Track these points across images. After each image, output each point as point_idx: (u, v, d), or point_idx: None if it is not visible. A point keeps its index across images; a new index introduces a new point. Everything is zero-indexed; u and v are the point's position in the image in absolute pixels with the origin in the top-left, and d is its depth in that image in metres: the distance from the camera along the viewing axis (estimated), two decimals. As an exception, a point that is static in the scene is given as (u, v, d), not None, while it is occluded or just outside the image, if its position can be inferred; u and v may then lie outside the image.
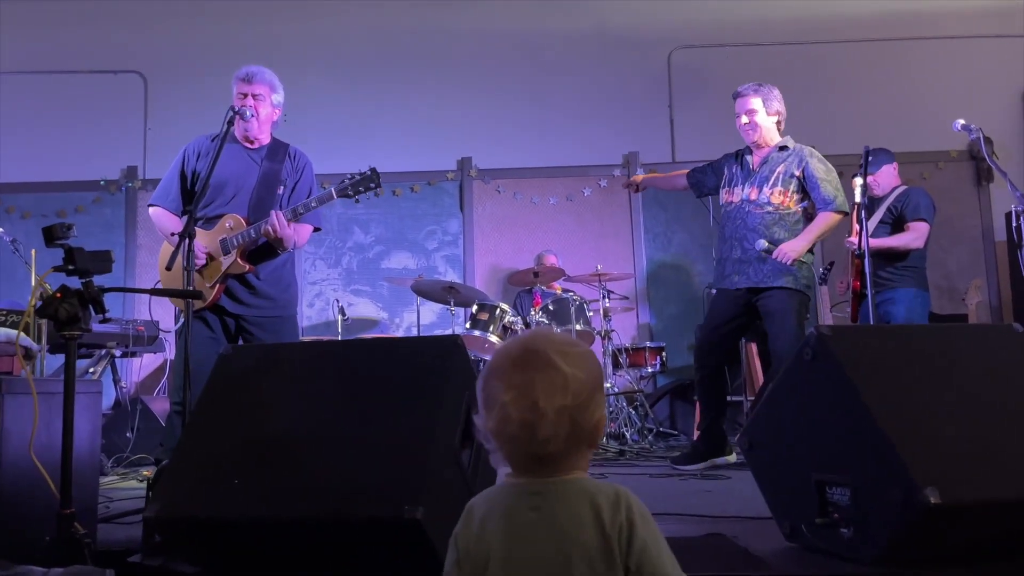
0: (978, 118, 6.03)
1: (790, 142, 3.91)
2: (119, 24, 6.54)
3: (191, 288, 2.75)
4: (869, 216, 4.69)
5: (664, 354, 5.63)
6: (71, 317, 1.90)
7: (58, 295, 1.89)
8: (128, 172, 6.47)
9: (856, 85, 6.59)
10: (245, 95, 3.34)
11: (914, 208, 4.44)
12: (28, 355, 3.54)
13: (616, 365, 5.52)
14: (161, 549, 2.00)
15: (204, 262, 3.21)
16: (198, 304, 3.26)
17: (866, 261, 3.44)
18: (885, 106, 6.45)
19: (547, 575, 1.14)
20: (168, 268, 2.76)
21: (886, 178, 4.66)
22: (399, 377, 1.87)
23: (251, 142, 3.41)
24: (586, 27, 6.67)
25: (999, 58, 6.59)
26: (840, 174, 3.96)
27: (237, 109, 3.23)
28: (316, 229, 3.55)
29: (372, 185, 3.33)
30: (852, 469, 1.81)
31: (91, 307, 1.97)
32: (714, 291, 4.02)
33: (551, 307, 5.22)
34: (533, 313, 5.22)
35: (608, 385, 5.29)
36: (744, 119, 3.91)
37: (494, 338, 5.13)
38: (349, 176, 3.35)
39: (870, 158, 4.64)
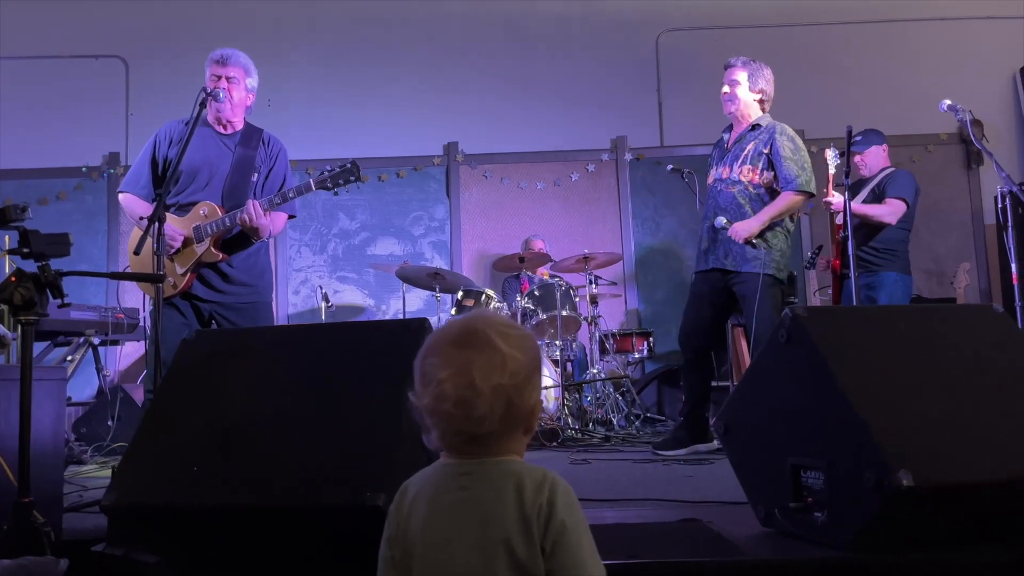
0: (970, 100, 5.98)
1: (765, 120, 3.84)
2: (100, 8, 6.46)
3: (163, 272, 2.71)
4: (854, 195, 4.66)
5: (652, 339, 5.60)
6: (27, 302, 1.85)
7: (12, 279, 1.84)
8: (110, 158, 6.39)
9: (846, 67, 6.54)
10: (219, 77, 3.27)
11: (895, 187, 4.41)
12: (1, 343, 3.49)
13: (603, 351, 5.48)
14: (125, 538, 1.96)
15: (180, 244, 3.15)
16: (170, 291, 3.21)
17: (849, 244, 3.40)
18: (875, 88, 6.40)
19: (467, 554, 1.13)
20: (136, 253, 2.70)
21: (874, 159, 4.63)
22: (365, 361, 1.83)
23: (224, 126, 3.35)
24: (574, 10, 6.60)
25: (991, 40, 6.54)
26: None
27: (210, 90, 3.17)
28: (291, 216, 3.50)
29: (352, 178, 3.27)
30: (826, 453, 1.77)
31: (48, 292, 1.92)
32: (694, 274, 3.98)
33: (537, 292, 5.18)
34: (519, 299, 5.18)
35: (595, 371, 5.26)
36: (725, 88, 3.86)
37: (479, 324, 5.09)
38: (329, 168, 3.29)
39: (859, 138, 4.64)
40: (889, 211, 4.34)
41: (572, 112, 6.51)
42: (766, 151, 3.73)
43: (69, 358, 4.17)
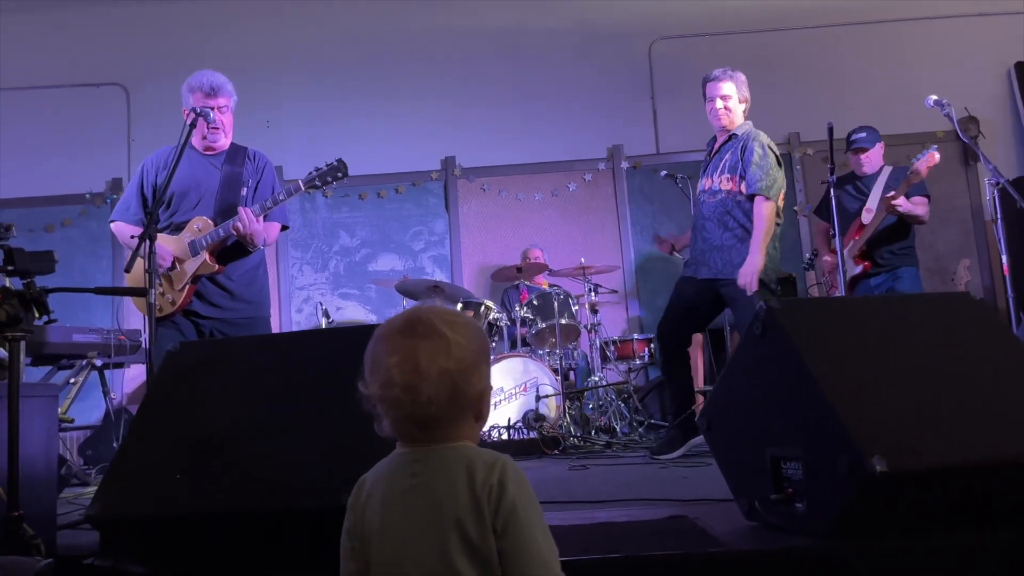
0: (965, 97, 6.04)
1: (742, 129, 3.85)
2: (99, 37, 6.55)
3: (154, 292, 2.74)
4: (859, 193, 4.69)
5: (653, 345, 5.59)
6: (12, 319, 1.89)
7: (-2, 296, 1.88)
8: (113, 184, 6.47)
9: (840, 69, 6.55)
10: (211, 108, 3.33)
11: (919, 185, 4.46)
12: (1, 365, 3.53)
13: (605, 359, 5.49)
14: (115, 550, 1.99)
15: (169, 264, 3.21)
16: (168, 309, 3.26)
17: (837, 239, 3.42)
18: (869, 89, 6.40)
19: (421, 539, 1.15)
20: (127, 270, 2.74)
21: (877, 155, 4.69)
22: (343, 366, 1.84)
23: (212, 149, 3.41)
24: (566, 21, 6.64)
25: (984, 36, 6.53)
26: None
27: (199, 111, 3.22)
28: (284, 227, 3.53)
29: (339, 175, 3.32)
30: (804, 443, 1.78)
31: (34, 308, 1.96)
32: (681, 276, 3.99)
33: (535, 302, 5.20)
34: (518, 309, 5.20)
35: (597, 378, 5.27)
36: (719, 104, 3.86)
37: (479, 335, 5.11)
38: (316, 168, 3.34)
39: (863, 134, 4.67)
40: (926, 211, 4.47)
41: (568, 122, 6.54)
42: (741, 157, 3.73)
43: (72, 380, 4.21)
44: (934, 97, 3.74)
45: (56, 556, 2.15)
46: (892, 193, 4.31)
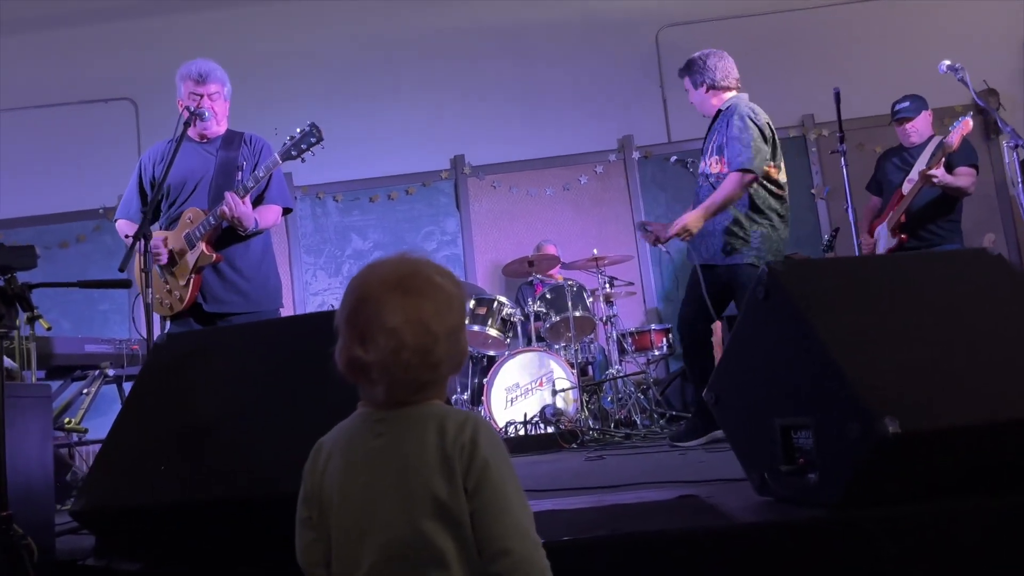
0: (980, 70, 5.87)
1: (726, 104, 3.72)
2: (106, 53, 6.58)
3: (150, 291, 2.71)
4: (904, 164, 4.54)
5: (671, 335, 5.49)
6: (-7, 315, 1.85)
7: (-23, 293, 1.84)
8: (125, 199, 6.49)
9: (851, 48, 6.41)
10: (200, 96, 3.29)
11: (963, 155, 4.31)
12: (8, 376, 3.52)
13: (622, 351, 5.39)
14: (110, 549, 1.94)
15: (165, 256, 3.15)
16: (178, 307, 3.21)
17: (849, 210, 3.30)
18: (882, 67, 6.26)
19: (387, 503, 1.08)
20: (120, 270, 2.71)
21: (924, 124, 4.55)
22: (332, 349, 1.79)
23: (206, 137, 3.37)
24: (570, 13, 6.58)
25: (998, 8, 6.37)
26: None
27: (194, 110, 3.19)
28: (287, 211, 3.44)
29: (314, 140, 3.21)
30: (813, 410, 1.69)
31: (18, 305, 1.92)
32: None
33: (548, 296, 5.12)
34: (531, 303, 5.12)
35: (615, 371, 5.17)
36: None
37: (494, 332, 5.05)
38: (289, 137, 3.24)
39: (907, 103, 4.55)
40: (971, 181, 4.30)
41: (577, 115, 6.47)
42: (726, 135, 3.61)
43: (85, 391, 4.19)
44: (947, 62, 3.62)
45: (53, 561, 2.12)
46: (926, 166, 4.17)
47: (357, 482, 1.10)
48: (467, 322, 5.04)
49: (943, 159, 4.20)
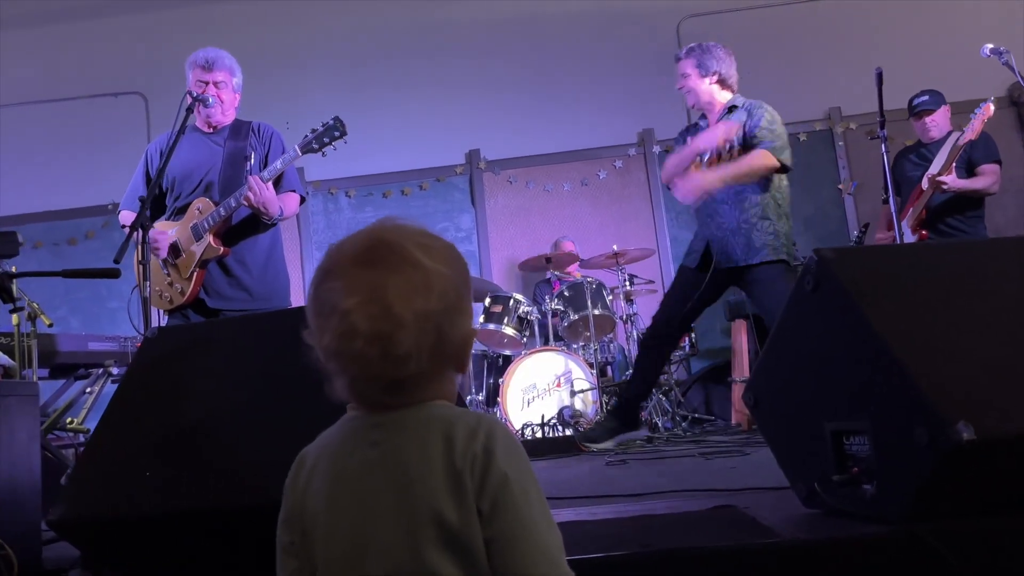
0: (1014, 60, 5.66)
1: (741, 100, 3.62)
2: (116, 46, 6.48)
3: (148, 283, 2.58)
4: (922, 161, 4.40)
5: (693, 335, 5.30)
6: (-30, 305, 1.71)
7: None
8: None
9: (877, 38, 6.19)
10: (206, 83, 3.16)
11: (985, 151, 4.14)
12: (7, 373, 3.40)
13: (643, 350, 5.21)
14: (96, 560, 1.80)
15: (164, 250, 3.03)
16: (179, 300, 3.10)
17: (891, 200, 3.13)
18: (910, 57, 6.03)
19: (383, 530, 0.88)
20: (116, 260, 2.57)
21: (943, 118, 4.38)
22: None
23: (212, 128, 3.24)
24: (588, 4, 6.40)
25: (1032, -3, 6.15)
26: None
27: (197, 95, 3.06)
28: (302, 199, 3.33)
29: (337, 134, 3.10)
30: (870, 413, 1.51)
31: (-2, 295, 1.78)
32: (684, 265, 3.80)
33: (566, 293, 4.97)
34: (549, 301, 4.96)
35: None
36: (678, 84, 3.73)
37: (510, 331, 4.89)
38: (312, 130, 3.12)
39: (926, 97, 4.38)
40: (992, 181, 4.12)
41: (595, 109, 6.29)
42: (744, 130, 3.50)
43: (88, 390, 4.07)
44: (990, 46, 3.44)
45: (39, 572, 1.98)
46: (935, 171, 3.98)
47: (346, 503, 0.91)
48: (482, 320, 4.88)
49: (955, 161, 4.04)
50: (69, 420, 3.78)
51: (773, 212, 3.48)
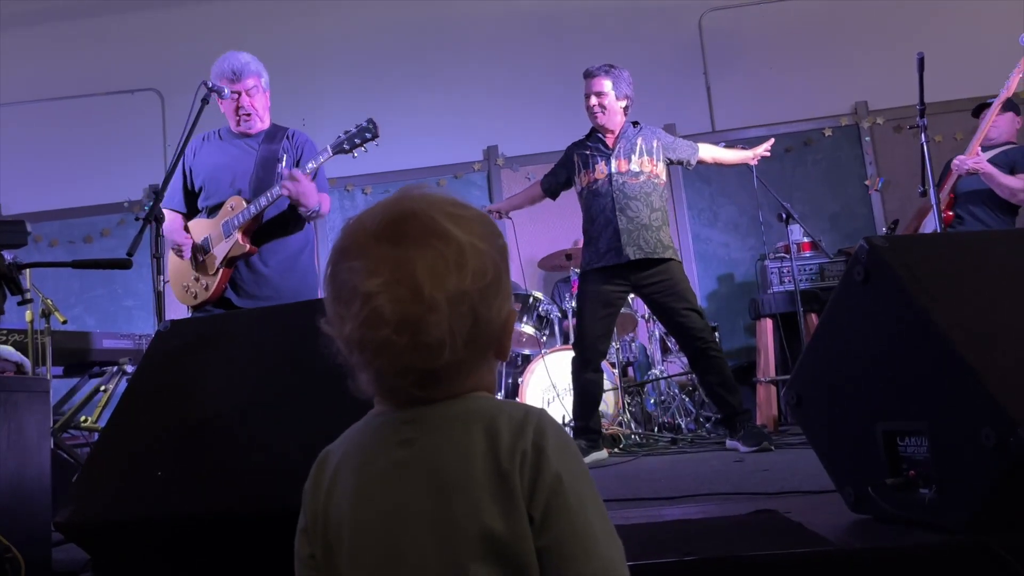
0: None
1: (632, 120, 3.89)
2: (132, 43, 6.43)
3: (163, 277, 2.51)
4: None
5: (717, 335, 5.18)
6: (-24, 297, 1.64)
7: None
8: (150, 191, 6.33)
9: (905, 31, 6.03)
10: (239, 93, 3.09)
11: (1017, 156, 3.99)
12: (20, 370, 3.35)
13: (665, 351, 5.11)
14: (107, 563, 1.72)
15: (187, 252, 2.99)
16: (204, 296, 3.05)
17: (931, 192, 3.01)
18: (940, 51, 5.85)
19: (418, 541, 0.77)
20: (129, 253, 2.50)
21: (1008, 124, 4.20)
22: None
23: (248, 134, 3.18)
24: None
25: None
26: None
27: (212, 85, 2.99)
28: None
29: (369, 136, 3.03)
30: (928, 413, 1.41)
31: (5, 286, 1.71)
32: (586, 273, 3.87)
33: (587, 291, 4.85)
34: (569, 299, 4.86)
35: (657, 372, 4.89)
36: (593, 100, 3.83)
37: (529, 329, 4.80)
38: (345, 131, 3.06)
39: (991, 102, 4.22)
40: (1022, 187, 3.94)
41: (616, 104, 6.17)
42: (655, 144, 3.78)
43: (103, 388, 4.00)
44: (1029, 34, 3.29)
45: (49, 574, 1.91)
46: (966, 154, 3.84)
47: (376, 509, 0.79)
48: (530, 330, 4.78)
49: (997, 158, 3.92)
50: (83, 419, 3.72)
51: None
